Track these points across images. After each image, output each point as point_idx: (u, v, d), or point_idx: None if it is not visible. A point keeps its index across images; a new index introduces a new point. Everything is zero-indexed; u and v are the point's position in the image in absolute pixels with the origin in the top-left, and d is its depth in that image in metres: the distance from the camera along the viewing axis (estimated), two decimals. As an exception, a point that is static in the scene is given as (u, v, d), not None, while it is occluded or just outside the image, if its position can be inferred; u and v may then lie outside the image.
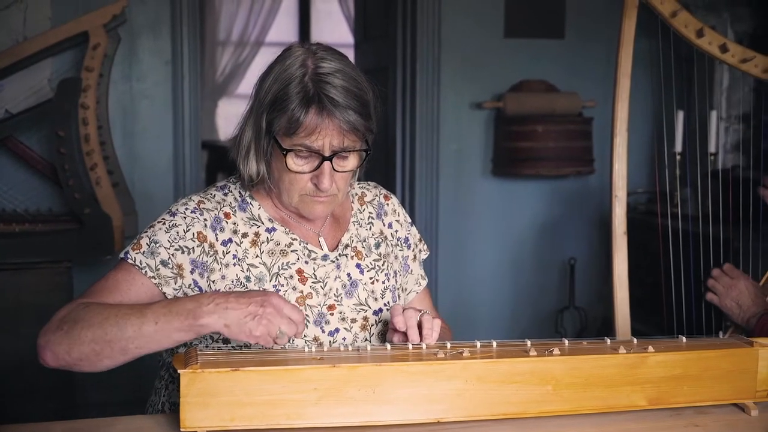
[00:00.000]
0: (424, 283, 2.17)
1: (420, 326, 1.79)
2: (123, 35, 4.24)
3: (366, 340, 1.92)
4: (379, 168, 5.15)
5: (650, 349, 1.68)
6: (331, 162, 1.79)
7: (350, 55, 4.51)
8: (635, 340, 1.74)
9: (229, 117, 8.78)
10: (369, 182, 2.13)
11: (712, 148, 4.07)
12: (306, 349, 1.64)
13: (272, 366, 1.52)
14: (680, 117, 3.99)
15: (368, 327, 1.93)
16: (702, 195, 3.93)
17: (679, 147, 4.01)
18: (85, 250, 3.83)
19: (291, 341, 1.79)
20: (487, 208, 4.98)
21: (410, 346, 1.69)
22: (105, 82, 4.13)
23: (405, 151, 5.00)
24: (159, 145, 4.50)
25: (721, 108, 4.63)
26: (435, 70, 4.83)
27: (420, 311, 1.81)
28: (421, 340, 1.76)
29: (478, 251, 4.99)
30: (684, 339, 1.77)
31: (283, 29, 8.98)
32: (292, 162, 1.79)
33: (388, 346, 1.68)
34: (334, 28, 8.71)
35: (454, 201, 4.93)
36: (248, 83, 8.64)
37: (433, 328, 1.78)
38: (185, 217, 1.83)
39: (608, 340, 1.74)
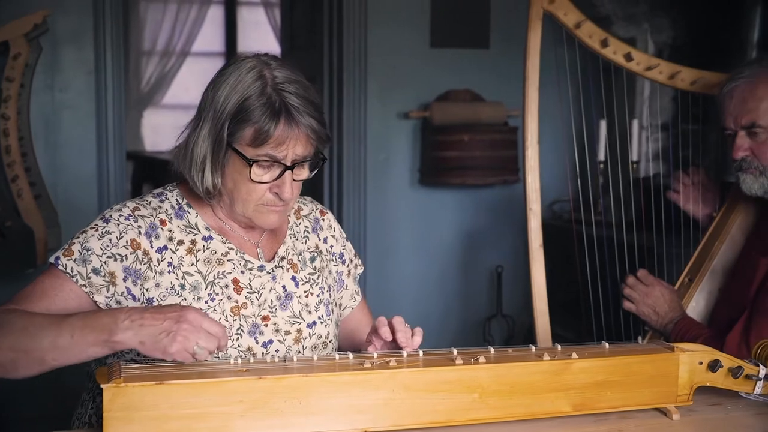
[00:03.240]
0: (358, 298, 2.19)
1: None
2: (45, 45, 4.18)
3: (299, 352, 1.91)
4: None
5: (574, 355, 1.70)
6: (291, 171, 1.80)
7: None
8: (559, 347, 1.76)
9: (155, 127, 8.68)
10: (305, 197, 2.13)
11: (634, 157, 4.14)
12: (232, 360, 1.63)
13: (197, 379, 1.50)
14: (602, 126, 4.06)
15: (302, 339, 1.93)
16: (624, 203, 4.00)
17: (601, 156, 4.08)
18: (7, 264, 3.76)
19: (217, 354, 1.78)
20: (415, 218, 5.00)
21: (337, 356, 1.69)
22: (26, 93, 4.06)
23: (332, 161, 5.00)
24: (82, 156, 4.44)
25: (642, 117, 4.71)
26: (362, 80, 4.84)
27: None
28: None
29: (406, 260, 5.01)
30: (607, 345, 1.80)
31: (210, 39, 8.91)
32: (255, 172, 1.79)
33: (315, 356, 1.68)
34: (260, 38, 8.66)
35: (381, 210, 4.94)
36: (174, 93, 8.56)
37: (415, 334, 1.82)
38: (119, 224, 1.82)
39: (533, 348, 1.76)
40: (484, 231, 5.08)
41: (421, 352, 1.70)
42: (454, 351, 1.70)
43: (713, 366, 1.76)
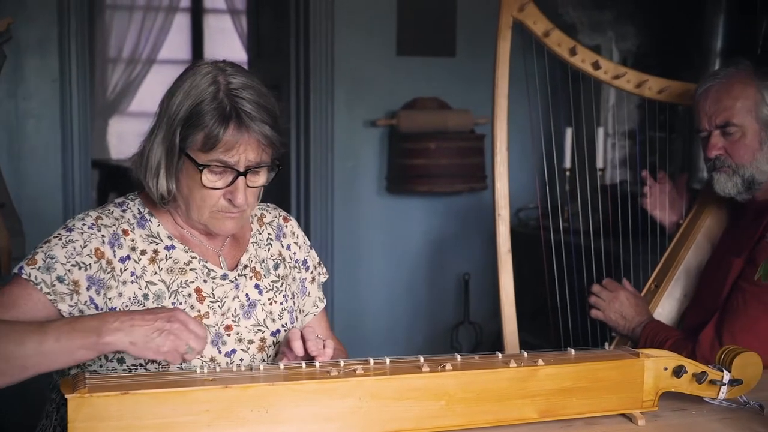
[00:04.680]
0: (321, 305, 2.17)
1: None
2: (8, 53, 4.14)
3: (263, 361, 1.91)
4: (273, 185, 5.12)
5: (540, 362, 1.71)
6: (245, 177, 1.79)
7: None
8: (526, 354, 1.77)
9: (121, 135, 8.63)
10: (268, 204, 2.13)
11: (600, 164, 4.17)
12: (198, 369, 1.62)
13: (162, 388, 1.49)
14: (569, 134, 4.08)
15: (266, 348, 1.92)
16: (591, 210, 4.02)
17: (568, 163, 4.10)
18: (-30, 273, 3.72)
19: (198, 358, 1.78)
20: (382, 225, 5.00)
21: (303, 365, 1.68)
22: (-11, 101, 4.03)
23: (299, 169, 4.99)
24: (47, 164, 4.41)
25: (608, 125, 4.74)
26: (328, 88, 4.84)
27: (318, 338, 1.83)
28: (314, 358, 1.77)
29: (373, 268, 5.01)
30: (573, 351, 1.80)
31: (176, 46, 8.88)
32: (206, 178, 1.78)
33: (281, 365, 1.67)
34: (227, 46, 8.64)
35: (349, 218, 4.94)
36: (140, 101, 8.52)
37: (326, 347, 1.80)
38: (82, 233, 1.80)
39: (499, 355, 1.76)
40: (451, 238, 5.09)
41: (387, 360, 1.70)
42: (421, 358, 1.70)
43: (678, 371, 1.77)
